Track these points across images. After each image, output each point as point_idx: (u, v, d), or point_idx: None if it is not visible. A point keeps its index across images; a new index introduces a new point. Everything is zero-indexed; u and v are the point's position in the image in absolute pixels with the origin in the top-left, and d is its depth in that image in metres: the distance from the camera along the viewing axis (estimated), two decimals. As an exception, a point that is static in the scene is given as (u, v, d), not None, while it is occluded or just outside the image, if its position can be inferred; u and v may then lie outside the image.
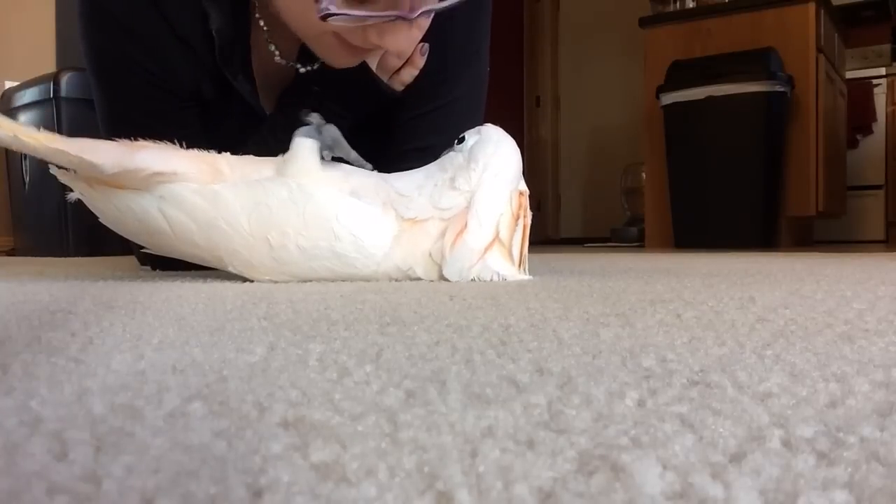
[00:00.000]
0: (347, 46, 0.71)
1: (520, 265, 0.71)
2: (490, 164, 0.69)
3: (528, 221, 0.71)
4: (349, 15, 0.65)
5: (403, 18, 0.66)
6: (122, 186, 0.66)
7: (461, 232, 0.67)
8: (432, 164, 0.72)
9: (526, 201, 0.71)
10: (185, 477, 0.15)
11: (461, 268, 0.67)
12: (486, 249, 0.67)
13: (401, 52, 0.73)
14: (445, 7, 0.69)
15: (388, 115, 0.87)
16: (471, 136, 0.71)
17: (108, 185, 0.67)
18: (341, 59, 0.75)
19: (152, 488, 0.15)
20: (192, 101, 0.82)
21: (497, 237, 0.68)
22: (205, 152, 0.68)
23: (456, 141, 0.72)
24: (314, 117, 0.69)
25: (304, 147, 0.68)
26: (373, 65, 0.79)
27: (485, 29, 0.91)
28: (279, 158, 0.69)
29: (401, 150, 0.85)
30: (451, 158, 0.71)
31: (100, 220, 0.69)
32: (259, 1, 0.77)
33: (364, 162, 0.72)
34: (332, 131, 0.69)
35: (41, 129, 0.64)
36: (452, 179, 0.69)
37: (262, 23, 0.79)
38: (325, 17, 0.65)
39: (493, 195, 0.68)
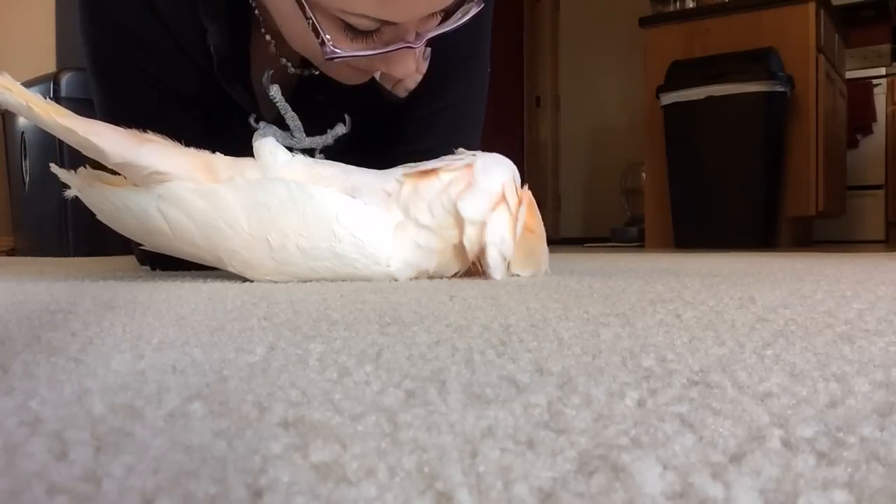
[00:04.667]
0: (356, 69, 0.73)
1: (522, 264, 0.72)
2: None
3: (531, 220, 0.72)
4: (355, 55, 0.66)
5: (409, 47, 0.67)
6: (123, 179, 0.66)
7: (469, 183, 0.69)
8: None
9: (527, 198, 0.72)
10: (185, 477, 0.15)
11: (478, 204, 0.67)
12: (496, 204, 0.68)
13: (408, 75, 0.74)
14: (450, 29, 0.69)
15: (389, 119, 0.88)
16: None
17: (106, 182, 0.67)
18: (351, 79, 0.76)
19: (152, 488, 0.15)
20: (193, 105, 0.82)
21: (504, 199, 0.69)
22: (201, 151, 0.68)
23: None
24: (262, 123, 0.71)
25: (267, 146, 0.69)
26: (377, 75, 0.79)
27: (485, 30, 0.91)
28: (248, 160, 0.69)
29: (403, 151, 0.86)
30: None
31: (97, 217, 0.69)
32: (264, 19, 0.77)
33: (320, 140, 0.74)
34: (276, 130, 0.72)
35: (48, 97, 0.64)
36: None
37: (268, 37, 0.79)
38: (331, 59, 0.66)
39: (494, 166, 0.70)
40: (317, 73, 0.81)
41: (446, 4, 0.67)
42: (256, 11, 0.77)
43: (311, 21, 0.65)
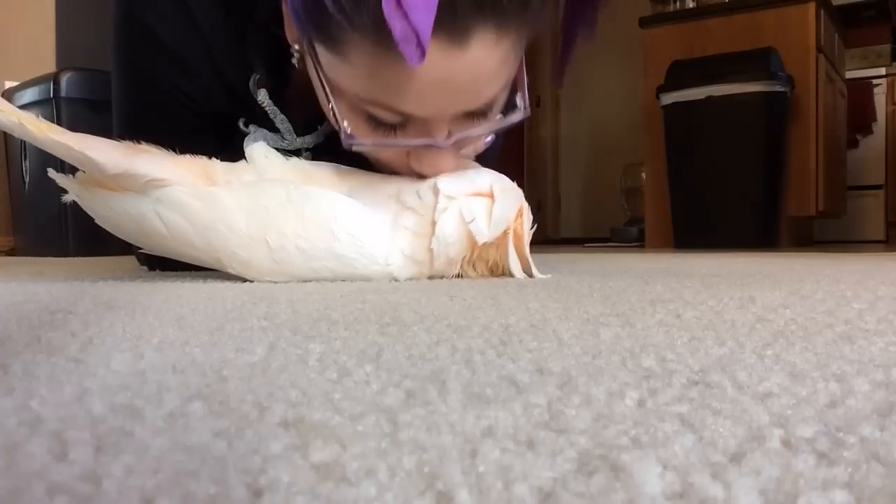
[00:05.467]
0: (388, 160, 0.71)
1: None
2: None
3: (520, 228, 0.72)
4: (373, 146, 0.65)
5: (434, 146, 0.64)
6: (120, 187, 0.66)
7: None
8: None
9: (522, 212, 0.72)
10: (185, 477, 0.15)
11: (456, 184, 0.67)
12: (478, 195, 0.68)
13: (439, 174, 0.69)
14: (486, 132, 0.67)
15: None
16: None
17: (104, 187, 0.67)
18: (385, 167, 0.73)
19: (152, 488, 0.15)
20: (219, 124, 0.81)
21: (491, 194, 0.68)
22: (198, 157, 0.68)
23: None
24: (252, 127, 0.71)
25: (260, 150, 0.69)
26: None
27: None
28: (242, 164, 0.69)
29: None
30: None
31: (95, 221, 0.69)
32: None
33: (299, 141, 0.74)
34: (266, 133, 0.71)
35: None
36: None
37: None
38: (349, 146, 0.65)
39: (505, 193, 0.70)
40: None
41: (474, 106, 0.64)
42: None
43: (331, 106, 0.64)
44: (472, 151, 0.73)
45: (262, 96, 0.73)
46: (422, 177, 0.69)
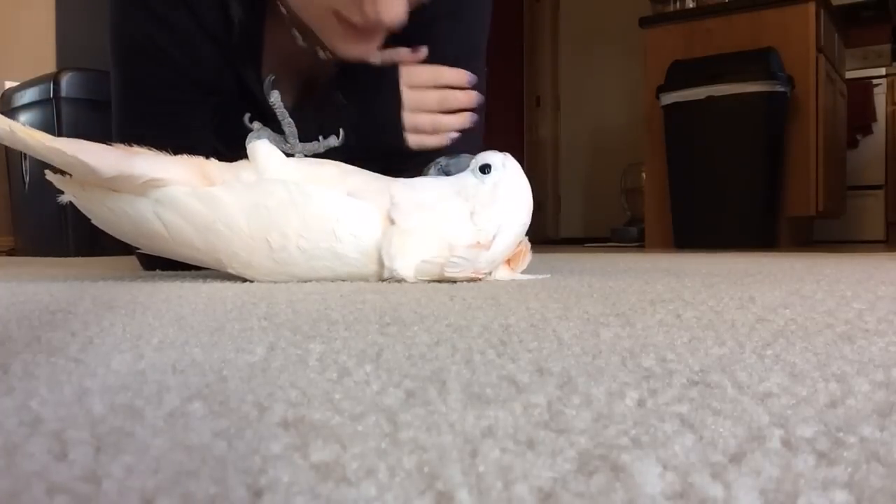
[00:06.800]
0: (351, 30, 0.74)
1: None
2: (508, 212, 0.69)
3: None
4: None
5: None
6: (117, 190, 0.66)
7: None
8: (446, 182, 0.70)
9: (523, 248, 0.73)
10: (185, 477, 0.15)
11: (466, 259, 0.66)
12: (475, 245, 0.68)
13: (394, 20, 0.73)
14: None
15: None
16: (495, 170, 0.69)
17: (102, 187, 0.67)
18: (347, 45, 0.77)
19: (152, 488, 0.15)
20: (211, 93, 0.84)
21: (489, 245, 0.68)
22: (194, 157, 0.68)
23: (479, 168, 0.69)
24: (256, 125, 0.72)
25: (262, 148, 0.69)
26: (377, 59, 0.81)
27: (484, 27, 0.91)
28: (241, 162, 0.69)
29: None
30: (472, 186, 0.69)
31: (92, 221, 0.69)
32: None
33: (319, 146, 0.76)
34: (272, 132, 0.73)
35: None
36: (472, 214, 0.67)
37: (282, 9, 0.81)
38: None
39: (505, 244, 0.69)
40: (322, 56, 0.82)
41: None
42: None
43: None
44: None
45: (275, 98, 0.73)
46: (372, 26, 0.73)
